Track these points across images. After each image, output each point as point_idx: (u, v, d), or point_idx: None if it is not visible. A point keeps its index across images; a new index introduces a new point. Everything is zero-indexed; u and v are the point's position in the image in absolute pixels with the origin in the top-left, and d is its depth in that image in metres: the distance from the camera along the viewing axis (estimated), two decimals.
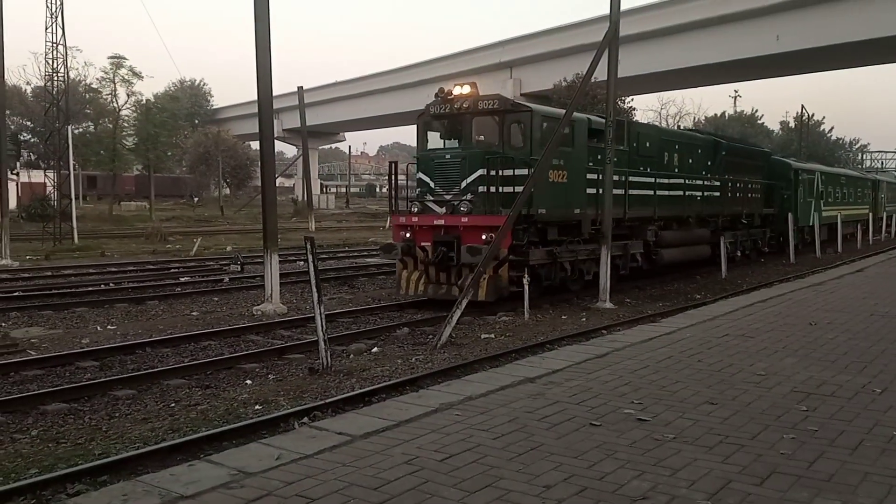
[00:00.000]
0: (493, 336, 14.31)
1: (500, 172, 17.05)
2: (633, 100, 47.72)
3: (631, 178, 21.08)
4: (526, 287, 15.95)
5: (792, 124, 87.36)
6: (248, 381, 10.81)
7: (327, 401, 9.47)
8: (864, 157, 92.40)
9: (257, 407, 9.42)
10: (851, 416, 6.87)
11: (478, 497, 5.05)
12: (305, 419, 8.60)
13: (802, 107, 77.27)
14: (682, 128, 56.23)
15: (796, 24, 42.78)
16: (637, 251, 21.76)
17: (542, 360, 9.67)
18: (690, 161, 25.04)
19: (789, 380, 8.23)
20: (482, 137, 18.16)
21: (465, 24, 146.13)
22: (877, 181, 53.85)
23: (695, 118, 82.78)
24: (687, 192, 24.85)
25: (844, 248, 36.43)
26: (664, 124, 75.14)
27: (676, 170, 24.19)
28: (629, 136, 21.35)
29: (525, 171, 16.96)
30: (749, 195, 30.06)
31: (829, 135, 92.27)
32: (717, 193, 26.99)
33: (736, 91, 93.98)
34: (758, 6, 43.73)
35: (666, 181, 23.30)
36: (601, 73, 18.47)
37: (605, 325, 15.13)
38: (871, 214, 47.46)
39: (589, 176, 19.24)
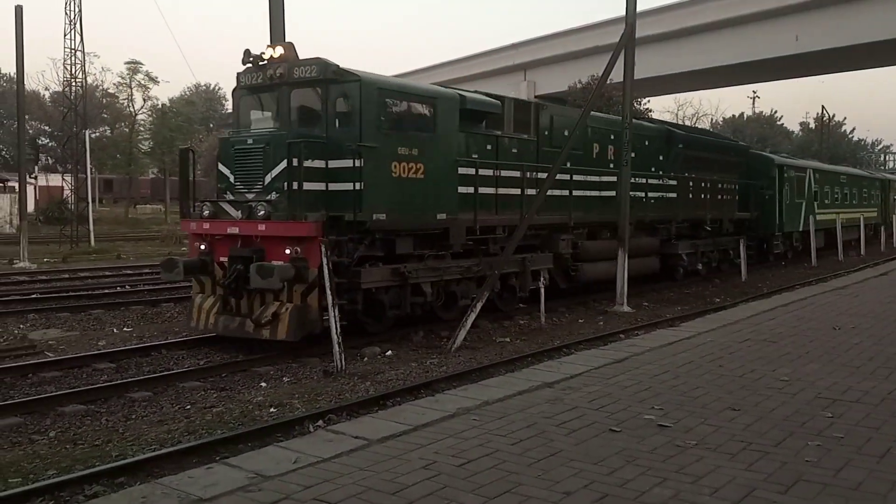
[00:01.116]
0: (508, 340, 14.21)
1: (308, 163, 12.71)
2: (649, 101, 47.57)
3: (539, 175, 16.81)
4: (542, 290, 15.82)
5: (812, 125, 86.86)
6: (263, 384, 10.77)
7: (343, 404, 9.41)
8: (887, 158, 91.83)
9: (272, 410, 9.37)
10: (878, 423, 6.77)
11: (497, 503, 4.99)
12: (321, 422, 8.55)
13: (823, 108, 76.90)
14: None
15: (816, 24, 42.42)
16: (543, 266, 17.10)
17: (559, 364, 9.60)
18: (633, 155, 19.59)
19: (813, 385, 8.13)
20: (302, 116, 14.08)
21: (478, 26, 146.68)
22: (888, 181, 49.46)
23: (712, 119, 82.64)
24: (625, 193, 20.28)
25: (866, 251, 35.45)
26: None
27: (612, 165, 19.72)
28: (537, 123, 17.32)
29: (349, 163, 12.81)
30: (719, 196, 25.70)
31: (850, 136, 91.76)
32: (672, 195, 22.69)
33: (755, 92, 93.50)
34: (776, 6, 43.41)
35: (591, 179, 19.12)
36: (617, 75, 18.36)
37: (623, 329, 15.02)
38: (883, 218, 44.48)
39: (462, 171, 14.97)
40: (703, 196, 24.62)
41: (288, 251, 12.48)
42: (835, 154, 72.59)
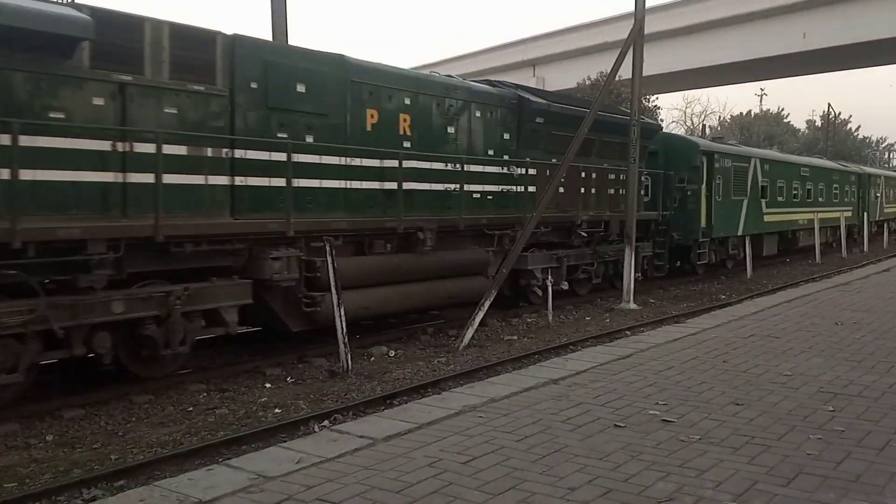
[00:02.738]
0: (515, 338, 14.24)
1: None
2: (657, 98, 47.52)
3: (236, 154, 11.19)
4: (549, 287, 15.85)
5: (818, 123, 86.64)
6: (267, 385, 10.77)
7: (348, 404, 9.45)
8: (892, 155, 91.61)
9: (276, 411, 9.40)
10: (878, 417, 6.80)
11: (502, 499, 5.02)
12: (326, 422, 8.58)
13: (829, 105, 76.56)
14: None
15: (824, 21, 42.45)
16: (229, 303, 10.98)
17: (565, 361, 9.63)
18: (450, 130, 14.94)
19: (816, 380, 8.16)
20: None
21: (487, 21, 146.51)
22: (866, 175, 41.87)
23: (720, 117, 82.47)
24: (415, 185, 14.00)
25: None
26: (689, 124, 74.77)
27: (408, 143, 14.00)
28: (231, 67, 11.15)
29: None
30: (609, 192, 19.31)
31: (855, 133, 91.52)
32: (520, 188, 16.43)
33: (762, 89, 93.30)
34: (784, 3, 43.44)
35: (361, 164, 13.05)
36: (625, 71, 18.36)
37: (628, 326, 15.04)
38: (862, 216, 38.46)
39: None
40: (581, 190, 18.17)
41: None
42: (839, 151, 72.35)
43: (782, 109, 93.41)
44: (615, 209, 19.13)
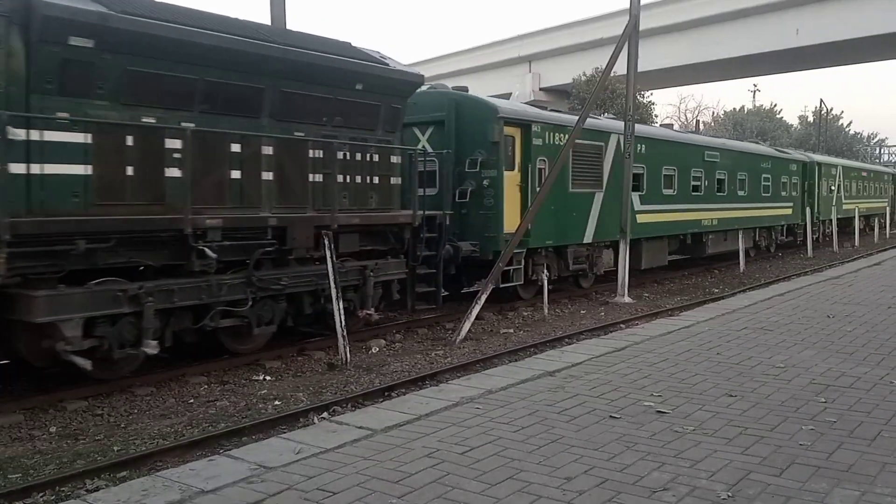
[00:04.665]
0: (512, 331, 14.33)
1: None
2: (652, 94, 47.65)
3: None
4: (545, 281, 15.93)
5: (811, 119, 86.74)
6: (268, 378, 10.85)
7: (347, 396, 9.53)
8: (883, 150, 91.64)
9: (276, 403, 9.47)
10: (870, 408, 6.88)
11: (499, 489, 5.09)
12: (325, 414, 8.64)
13: (821, 101, 76.74)
14: None
15: (816, 17, 42.56)
16: None
17: (561, 353, 9.70)
18: None
19: (808, 372, 8.25)
20: None
21: (482, 17, 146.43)
22: (811, 164, 33.74)
23: (713, 113, 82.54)
24: None
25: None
26: (683, 119, 74.89)
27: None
28: None
29: None
30: (303, 177, 12.02)
31: (847, 129, 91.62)
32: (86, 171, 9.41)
33: (755, 85, 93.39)
34: (777, 0, 43.55)
35: None
36: (621, 68, 18.42)
37: (623, 319, 15.17)
38: (810, 214, 31.28)
39: None
40: (224, 175, 10.94)
41: None
42: (832, 147, 72.49)
43: (775, 105, 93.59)
44: (326, 206, 12.15)
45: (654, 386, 7.73)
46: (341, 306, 11.34)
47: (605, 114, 25.60)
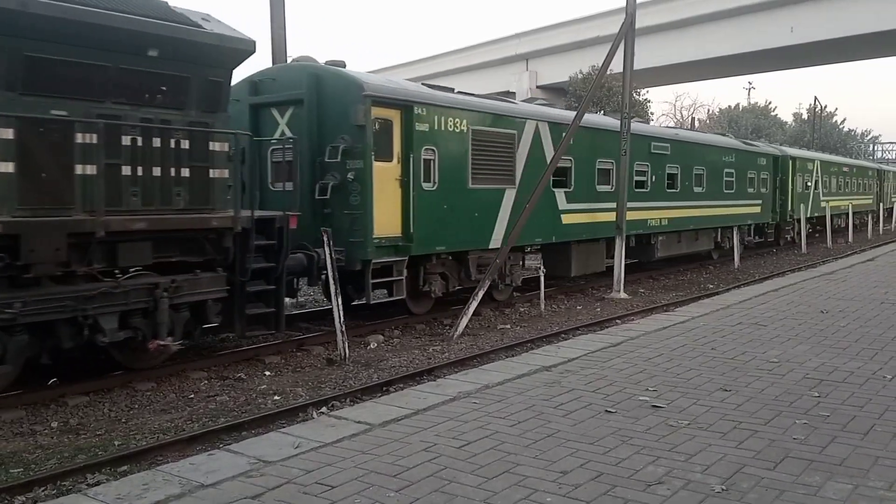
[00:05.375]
0: (508, 326, 14.39)
1: None
2: (648, 92, 47.67)
3: None
4: (542, 277, 15.97)
5: (805, 116, 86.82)
6: (267, 373, 10.90)
7: (346, 391, 9.59)
8: (876, 147, 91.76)
9: (276, 398, 9.53)
10: (863, 402, 6.95)
11: (495, 483, 5.14)
12: (324, 409, 8.69)
13: (815, 98, 76.74)
14: None
15: (811, 15, 42.64)
16: None
17: (557, 349, 9.78)
18: None
19: (802, 367, 8.32)
20: None
21: (479, 15, 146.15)
22: (784, 158, 30.84)
23: (708, 110, 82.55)
24: None
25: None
26: (679, 117, 74.92)
27: None
28: None
29: None
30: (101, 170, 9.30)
31: (841, 126, 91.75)
32: None
33: (750, 83, 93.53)
34: None
35: None
36: (617, 66, 18.47)
37: (619, 314, 15.23)
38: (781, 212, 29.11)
39: None
40: None
41: None
42: (826, 144, 72.59)
43: (770, 102, 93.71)
44: (111, 206, 9.37)
45: (650, 381, 7.79)
46: (340, 303, 11.38)
47: (602, 111, 25.45)
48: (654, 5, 45.84)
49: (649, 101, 46.13)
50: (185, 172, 10.16)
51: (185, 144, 10.17)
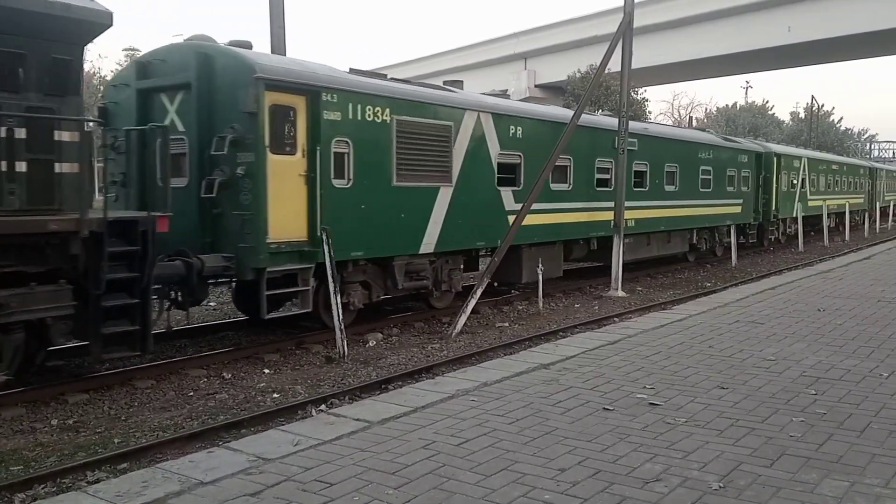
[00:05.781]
0: (507, 324, 14.43)
1: None
2: (646, 91, 47.70)
3: None
4: (540, 277, 15.99)
5: (802, 115, 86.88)
6: (266, 371, 10.93)
7: (345, 389, 9.62)
8: (872, 146, 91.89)
9: (275, 395, 9.55)
10: (859, 400, 6.98)
11: (494, 480, 5.16)
12: (323, 406, 8.72)
13: (812, 97, 76.80)
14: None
15: (808, 14, 42.71)
16: None
17: (555, 347, 9.80)
18: None
19: (798, 364, 8.34)
20: None
21: (478, 15, 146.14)
22: (769, 154, 29.46)
23: (706, 109, 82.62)
24: None
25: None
26: (676, 116, 74.95)
27: None
28: None
29: None
30: None
31: (838, 125, 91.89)
32: None
33: (747, 82, 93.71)
34: None
35: None
36: (615, 65, 18.49)
37: (617, 312, 15.27)
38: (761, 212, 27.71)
39: None
40: None
41: None
42: (823, 142, 72.65)
43: (767, 101, 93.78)
44: None
45: (647, 378, 7.81)
46: (339, 301, 11.40)
47: (600, 111, 25.35)
48: (652, 5, 45.89)
49: (647, 101, 46.16)
50: (21, 167, 8.55)
51: (21, 134, 8.53)
